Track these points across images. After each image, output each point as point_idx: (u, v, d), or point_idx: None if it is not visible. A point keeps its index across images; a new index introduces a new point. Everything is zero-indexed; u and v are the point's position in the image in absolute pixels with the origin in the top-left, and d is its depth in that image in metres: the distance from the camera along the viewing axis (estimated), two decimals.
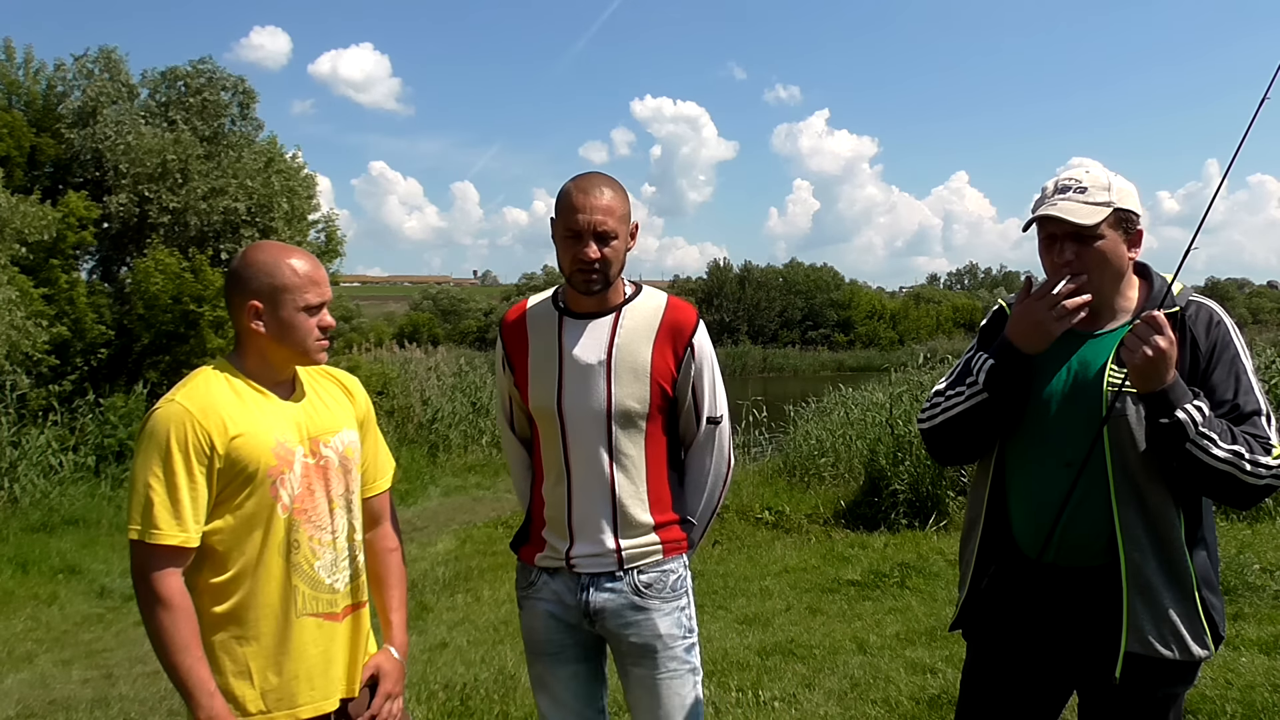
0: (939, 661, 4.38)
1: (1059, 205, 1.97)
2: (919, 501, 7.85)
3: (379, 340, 23.06)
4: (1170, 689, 2.00)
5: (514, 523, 9.11)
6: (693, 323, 2.29)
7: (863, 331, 53.10)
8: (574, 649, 2.32)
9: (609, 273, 2.20)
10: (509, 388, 2.38)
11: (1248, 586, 5.22)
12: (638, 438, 2.24)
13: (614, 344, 2.23)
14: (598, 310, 2.27)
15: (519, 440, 2.44)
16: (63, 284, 10.85)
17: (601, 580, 2.25)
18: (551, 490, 2.30)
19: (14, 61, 12.41)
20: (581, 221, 2.15)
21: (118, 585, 6.86)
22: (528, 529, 2.40)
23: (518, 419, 2.42)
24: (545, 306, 2.34)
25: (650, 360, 2.23)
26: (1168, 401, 1.85)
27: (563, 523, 2.27)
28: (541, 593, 2.32)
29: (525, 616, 2.38)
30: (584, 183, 2.20)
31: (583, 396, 2.22)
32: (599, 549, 2.24)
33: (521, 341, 2.32)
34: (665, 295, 2.34)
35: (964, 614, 2.21)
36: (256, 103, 13.33)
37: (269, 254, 1.99)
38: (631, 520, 2.24)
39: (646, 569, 2.26)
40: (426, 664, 4.83)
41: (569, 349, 2.25)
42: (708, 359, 2.32)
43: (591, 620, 2.27)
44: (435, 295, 65.58)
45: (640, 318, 2.27)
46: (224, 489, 1.91)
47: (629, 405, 2.22)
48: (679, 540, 2.31)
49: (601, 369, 2.22)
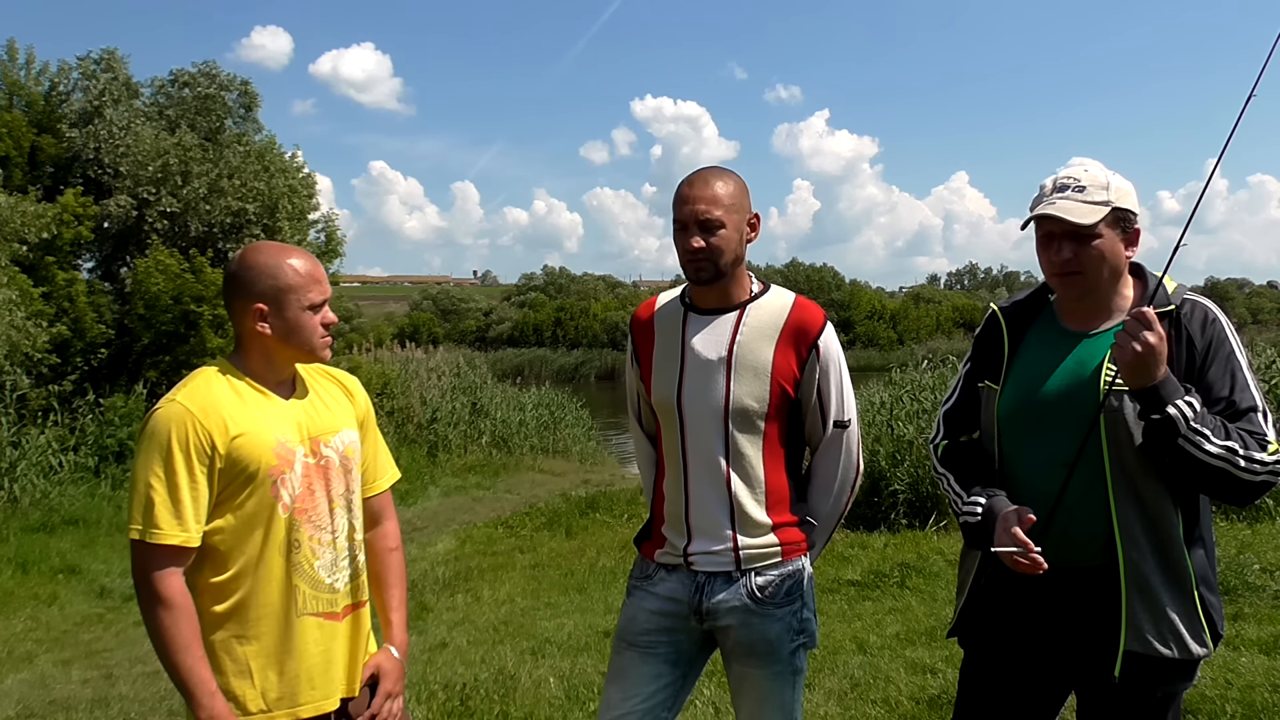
0: (939, 661, 4.38)
1: (1057, 204, 1.97)
2: (919, 501, 7.86)
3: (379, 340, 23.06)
4: (1169, 687, 2.00)
5: (514, 523, 9.18)
6: (819, 324, 2.27)
7: (862, 332, 53.06)
8: (668, 648, 2.29)
9: (718, 261, 2.19)
10: (636, 383, 2.40)
11: (1248, 586, 5.21)
12: (755, 437, 2.23)
13: (735, 341, 2.23)
14: (721, 307, 2.27)
15: (646, 435, 2.45)
16: (61, 283, 10.86)
17: (718, 580, 2.24)
18: (671, 485, 2.29)
19: (16, 62, 12.42)
20: (686, 212, 2.18)
21: (118, 585, 6.87)
22: (650, 526, 2.39)
23: (644, 414, 2.44)
24: (673, 303, 2.35)
25: (772, 359, 2.22)
26: (1159, 397, 1.86)
27: (681, 519, 2.26)
28: (656, 587, 2.30)
29: (630, 604, 2.35)
30: (693, 176, 2.22)
31: (702, 391, 2.22)
32: (717, 546, 2.23)
33: (649, 337, 2.34)
34: (792, 295, 2.33)
35: (962, 618, 2.21)
36: (260, 106, 13.36)
37: (269, 255, 1.99)
38: (749, 518, 2.23)
39: (764, 571, 2.24)
40: (426, 664, 4.83)
41: (691, 344, 2.26)
42: (835, 361, 2.29)
43: (702, 618, 2.25)
44: (435, 295, 65.56)
45: (765, 316, 2.26)
46: (225, 489, 1.91)
47: (747, 403, 2.21)
48: (799, 542, 2.29)
49: (722, 365, 2.22)
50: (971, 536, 2.09)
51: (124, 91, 12.39)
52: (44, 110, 12.20)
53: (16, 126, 11.50)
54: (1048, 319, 2.15)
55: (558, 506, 9.65)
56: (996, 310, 2.23)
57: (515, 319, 55.39)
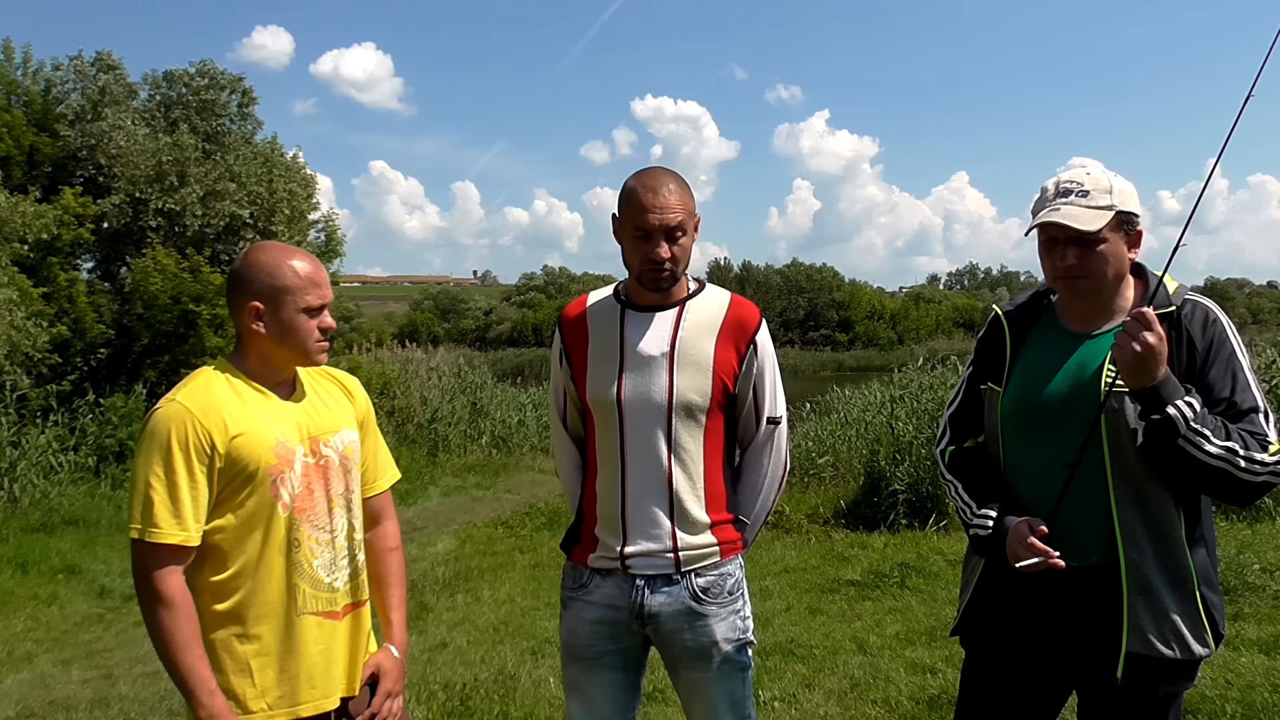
0: (939, 661, 4.38)
1: (1062, 210, 1.96)
2: (919, 502, 7.85)
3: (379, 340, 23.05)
4: (1171, 687, 2.00)
5: (513, 523, 9.16)
6: (756, 321, 2.29)
7: (862, 332, 53.12)
8: (615, 655, 2.29)
9: (677, 270, 2.20)
10: (564, 382, 2.37)
11: (1248, 586, 5.21)
12: (697, 432, 2.23)
13: (677, 336, 2.23)
14: (661, 304, 2.26)
15: (570, 437, 2.43)
16: (61, 283, 10.85)
17: (657, 583, 2.22)
18: (605, 485, 2.27)
19: (13, 61, 12.42)
20: (653, 220, 2.14)
21: (118, 585, 6.86)
22: (578, 528, 2.36)
23: (570, 415, 2.41)
24: (607, 300, 2.34)
25: (714, 354, 2.23)
26: (1159, 397, 1.86)
27: (616, 518, 2.24)
28: (592, 595, 2.28)
29: (568, 618, 2.33)
30: (650, 180, 2.18)
31: (643, 387, 2.22)
32: (655, 545, 2.21)
33: (581, 335, 2.32)
34: (729, 293, 2.34)
35: (965, 618, 2.21)
36: (257, 103, 13.35)
37: (271, 255, 2.00)
38: (689, 517, 2.22)
39: (704, 571, 2.24)
40: (426, 664, 4.83)
41: (631, 340, 2.25)
42: (770, 358, 2.31)
43: (643, 622, 2.24)
44: (435, 295, 65.62)
45: (704, 313, 2.27)
46: (224, 488, 1.91)
47: (691, 397, 2.21)
48: (735, 541, 2.29)
49: (664, 360, 2.22)
50: (981, 547, 2.09)
51: (121, 92, 12.38)
52: (42, 110, 12.20)
53: (16, 126, 11.50)
54: (1049, 320, 2.15)
55: (558, 506, 9.63)
56: (998, 312, 2.23)
57: (515, 319, 55.43)
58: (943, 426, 2.29)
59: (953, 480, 2.20)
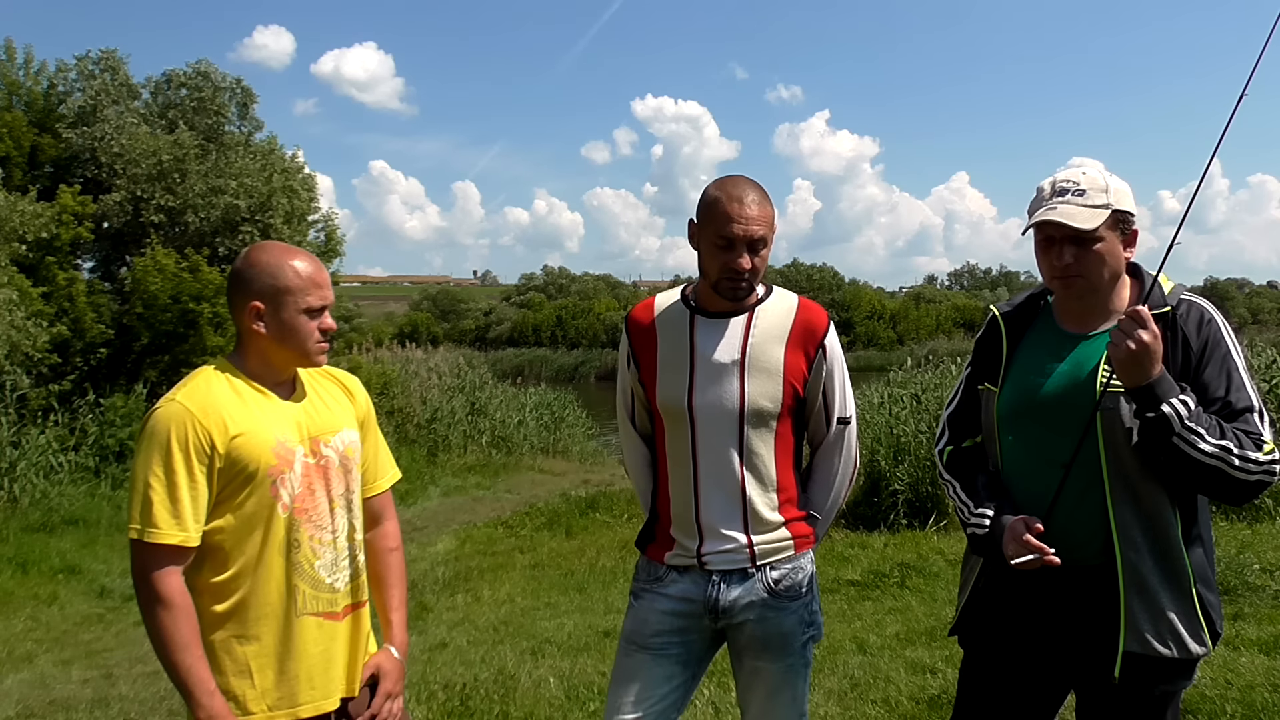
0: (939, 661, 4.38)
1: (1059, 209, 1.97)
2: (919, 501, 7.86)
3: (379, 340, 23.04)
4: (1169, 686, 2.00)
5: (513, 523, 9.17)
6: (825, 324, 2.31)
7: (862, 332, 53.05)
8: (679, 650, 2.30)
9: (755, 282, 2.22)
10: (633, 384, 2.39)
11: (1248, 586, 5.21)
12: (768, 437, 2.25)
13: (748, 343, 2.25)
14: (731, 310, 2.27)
15: (640, 436, 2.45)
16: (61, 282, 10.84)
17: (734, 578, 2.25)
18: (677, 487, 2.29)
19: (15, 62, 12.42)
20: (737, 231, 2.15)
21: (118, 585, 6.87)
22: (653, 528, 2.38)
23: (639, 415, 2.43)
24: (676, 306, 2.35)
25: (784, 360, 2.25)
26: (1153, 395, 1.86)
27: (690, 521, 2.27)
28: (668, 588, 2.30)
29: (639, 607, 2.34)
30: (734, 190, 2.18)
31: (715, 395, 2.23)
32: (731, 545, 2.24)
33: (650, 339, 2.33)
34: (796, 297, 2.35)
35: (963, 618, 2.21)
36: (256, 103, 13.34)
37: (272, 255, 1.99)
38: (761, 518, 2.25)
39: (778, 565, 2.27)
40: (426, 664, 4.83)
41: (702, 347, 2.26)
42: (838, 360, 2.33)
43: (717, 616, 2.26)
44: (435, 295, 65.57)
45: (773, 318, 2.28)
46: (224, 488, 1.91)
47: (762, 404, 2.22)
48: (807, 535, 2.32)
49: (735, 368, 2.23)
50: (978, 546, 2.10)
51: (122, 92, 12.37)
52: (43, 110, 12.20)
53: (16, 126, 11.49)
54: (1046, 320, 2.16)
55: (558, 506, 9.64)
56: (996, 313, 2.23)
57: (515, 319, 55.38)
58: (941, 426, 2.30)
59: (951, 480, 2.21)
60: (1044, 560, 1.92)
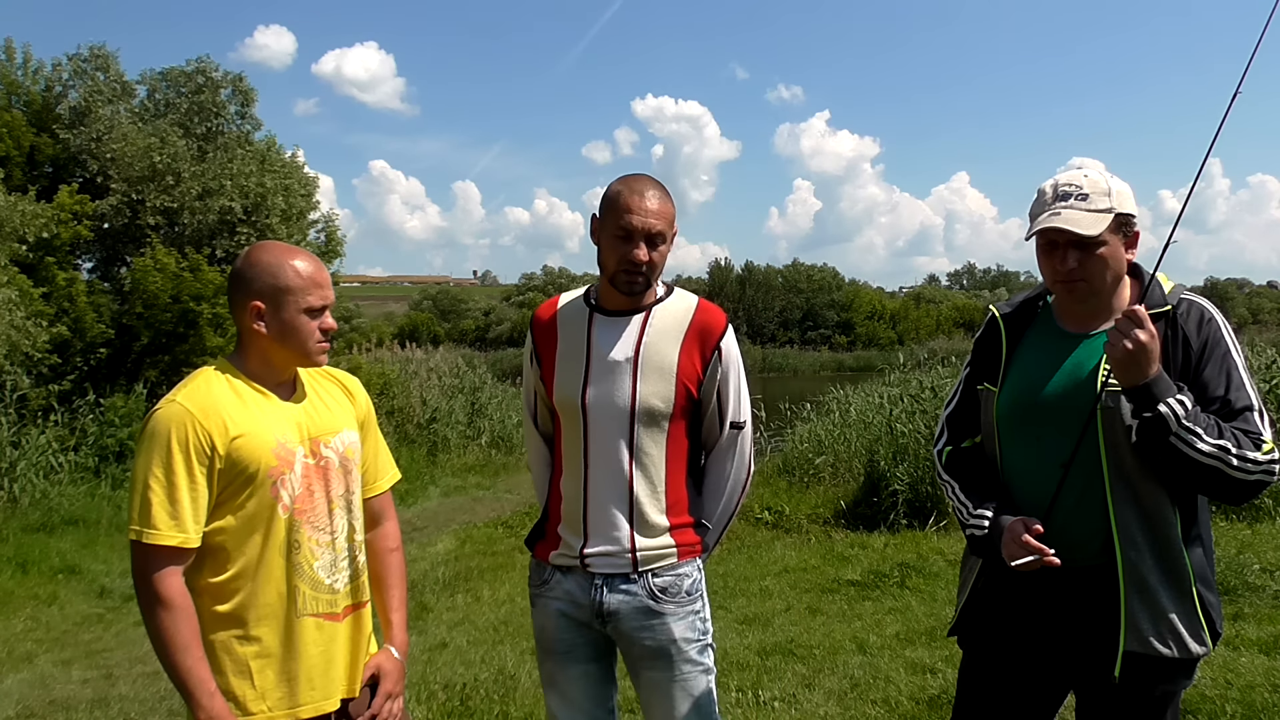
0: (939, 661, 4.38)
1: (1062, 215, 1.96)
2: (919, 501, 7.86)
3: (379, 340, 23.05)
4: (1169, 686, 2.00)
5: (513, 523, 9.16)
6: (721, 326, 2.31)
7: (862, 332, 53.09)
8: (585, 648, 2.31)
9: (652, 276, 2.23)
10: (535, 382, 2.40)
11: (1248, 586, 5.22)
12: (659, 437, 2.25)
13: (642, 342, 2.25)
14: (629, 308, 2.28)
15: (541, 435, 2.46)
16: (61, 282, 10.84)
17: (616, 582, 2.24)
18: (569, 485, 2.30)
19: (14, 61, 12.42)
20: (635, 223, 2.17)
21: (118, 585, 6.87)
22: (543, 525, 2.39)
23: (541, 413, 2.44)
24: (577, 303, 2.35)
25: (677, 360, 2.25)
26: (1151, 395, 1.86)
27: (578, 518, 2.27)
28: (554, 591, 2.31)
29: (536, 615, 2.37)
30: (635, 184, 2.21)
31: (607, 392, 2.23)
32: (614, 547, 2.24)
33: (551, 336, 2.34)
34: (696, 298, 2.36)
35: (962, 618, 2.21)
36: (255, 102, 13.32)
37: (273, 255, 1.99)
38: (647, 520, 2.24)
39: (661, 572, 2.26)
40: (426, 664, 4.83)
41: (597, 344, 2.27)
42: (734, 363, 2.33)
43: (604, 621, 2.26)
44: (435, 295, 65.60)
45: (670, 318, 2.28)
46: (224, 489, 1.91)
47: (653, 403, 2.22)
48: (694, 544, 2.31)
49: (628, 365, 2.23)
50: (977, 547, 2.10)
51: (117, 90, 12.36)
52: (41, 109, 12.19)
53: (16, 126, 11.49)
54: (1046, 320, 2.16)
55: None
56: (995, 313, 2.23)
57: (515, 319, 55.39)
58: (940, 427, 2.30)
59: (950, 480, 2.20)
60: (1044, 561, 1.92)
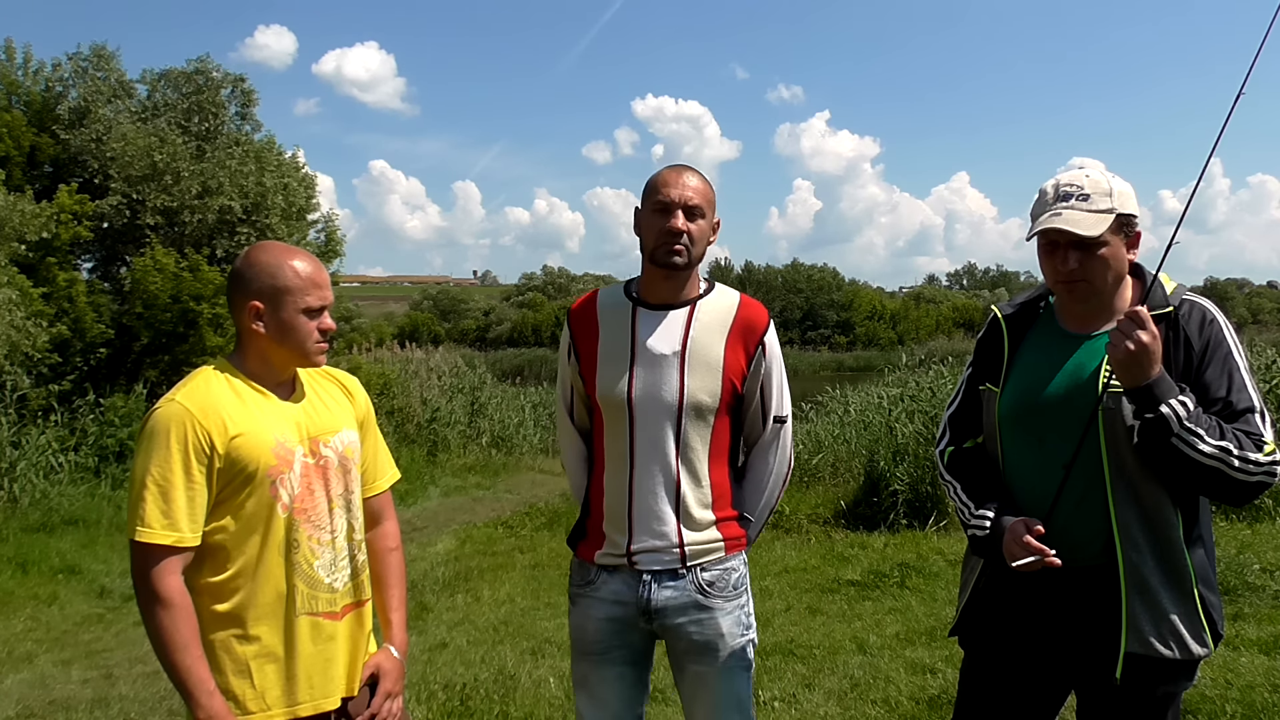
0: (939, 661, 4.38)
1: (1064, 215, 1.96)
2: (919, 501, 7.85)
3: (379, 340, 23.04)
4: (1170, 687, 2.00)
5: (513, 523, 9.16)
6: (765, 322, 2.32)
7: (862, 332, 53.08)
8: (623, 651, 2.30)
9: (693, 251, 2.22)
10: (572, 377, 2.38)
11: (1248, 586, 5.22)
12: (704, 431, 2.25)
13: (689, 336, 2.25)
14: (672, 302, 2.28)
15: (577, 431, 2.44)
16: (61, 282, 10.83)
17: (663, 578, 2.24)
18: (612, 481, 2.29)
19: (14, 61, 12.41)
20: (672, 195, 2.20)
21: (118, 585, 6.86)
22: (584, 524, 2.37)
23: (577, 409, 2.42)
24: (618, 297, 2.34)
25: (723, 355, 2.25)
26: (1152, 396, 1.86)
27: (623, 515, 2.26)
28: (600, 591, 2.30)
29: (576, 614, 2.35)
30: (675, 166, 2.27)
31: (654, 387, 2.23)
32: (661, 543, 2.23)
33: (591, 330, 2.33)
34: (738, 294, 2.36)
35: (963, 619, 2.21)
36: (256, 103, 13.32)
37: (272, 255, 1.99)
38: (693, 514, 2.24)
39: (709, 566, 2.26)
40: (426, 664, 4.83)
41: (642, 339, 2.26)
42: (776, 359, 2.34)
43: (650, 618, 2.26)
44: (435, 295, 65.61)
45: (714, 313, 2.29)
46: (224, 489, 1.91)
47: (701, 398, 2.22)
48: (739, 537, 2.32)
49: (675, 360, 2.23)
50: (978, 547, 2.09)
51: (116, 90, 12.35)
52: (41, 109, 12.19)
53: (16, 126, 11.49)
54: (1047, 321, 2.15)
55: (558, 506, 9.63)
56: (997, 313, 2.23)
57: (515, 319, 55.43)
58: (942, 427, 2.30)
59: (951, 480, 2.20)
60: (1045, 562, 1.92)
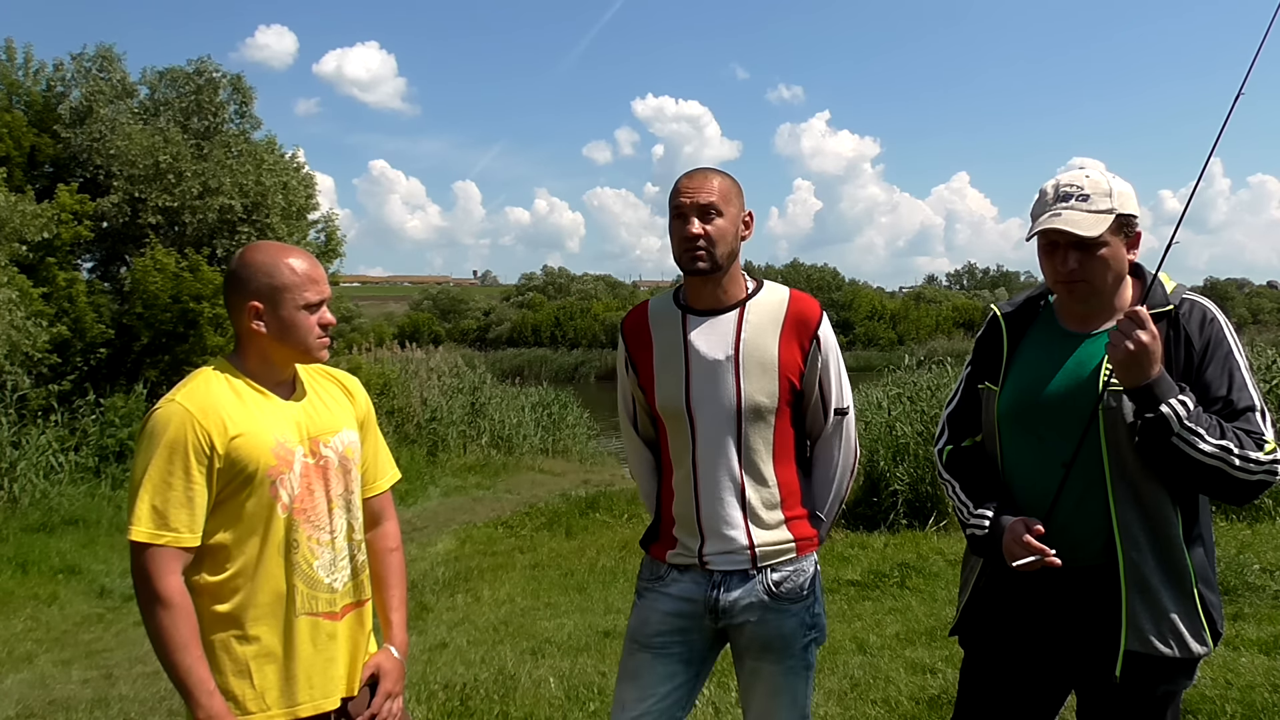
0: (939, 661, 4.38)
1: (1063, 216, 1.96)
2: (919, 501, 7.86)
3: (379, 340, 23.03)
4: (1170, 686, 2.00)
5: (513, 523, 9.17)
6: (817, 315, 2.30)
7: (862, 332, 53.04)
8: (680, 648, 2.30)
9: (715, 251, 2.20)
10: (633, 388, 2.38)
11: (1248, 586, 5.21)
12: (766, 432, 2.24)
13: (740, 339, 2.24)
14: (720, 306, 2.27)
15: (643, 441, 2.44)
16: (61, 282, 10.84)
17: (734, 579, 2.25)
18: (680, 488, 2.29)
19: (14, 61, 12.42)
20: (684, 201, 2.20)
21: (118, 585, 6.86)
22: (658, 527, 2.38)
23: (641, 420, 2.42)
24: (667, 305, 2.34)
25: (778, 354, 2.24)
26: (1153, 395, 1.86)
27: (692, 520, 2.26)
28: (669, 587, 2.30)
29: (641, 607, 2.35)
30: (690, 171, 2.26)
31: (712, 393, 2.22)
32: (732, 545, 2.24)
33: (644, 341, 2.33)
34: (787, 289, 2.35)
35: (963, 618, 2.21)
36: (254, 101, 13.32)
37: (267, 254, 2.00)
38: (761, 516, 2.24)
39: (779, 567, 2.26)
40: (426, 664, 4.83)
41: (694, 346, 2.25)
42: (833, 350, 2.32)
43: (717, 617, 2.26)
44: (435, 295, 65.56)
45: (765, 312, 2.27)
46: (224, 489, 1.91)
47: (759, 400, 2.22)
48: (810, 538, 2.32)
49: (729, 364, 2.22)
50: (978, 547, 2.09)
51: (118, 90, 12.36)
52: (42, 109, 12.19)
53: (16, 126, 11.50)
54: (1047, 320, 2.15)
55: (558, 506, 9.64)
56: (997, 312, 2.23)
57: (515, 319, 55.39)
58: (941, 426, 2.30)
59: (950, 479, 2.20)
60: (1045, 561, 1.92)
